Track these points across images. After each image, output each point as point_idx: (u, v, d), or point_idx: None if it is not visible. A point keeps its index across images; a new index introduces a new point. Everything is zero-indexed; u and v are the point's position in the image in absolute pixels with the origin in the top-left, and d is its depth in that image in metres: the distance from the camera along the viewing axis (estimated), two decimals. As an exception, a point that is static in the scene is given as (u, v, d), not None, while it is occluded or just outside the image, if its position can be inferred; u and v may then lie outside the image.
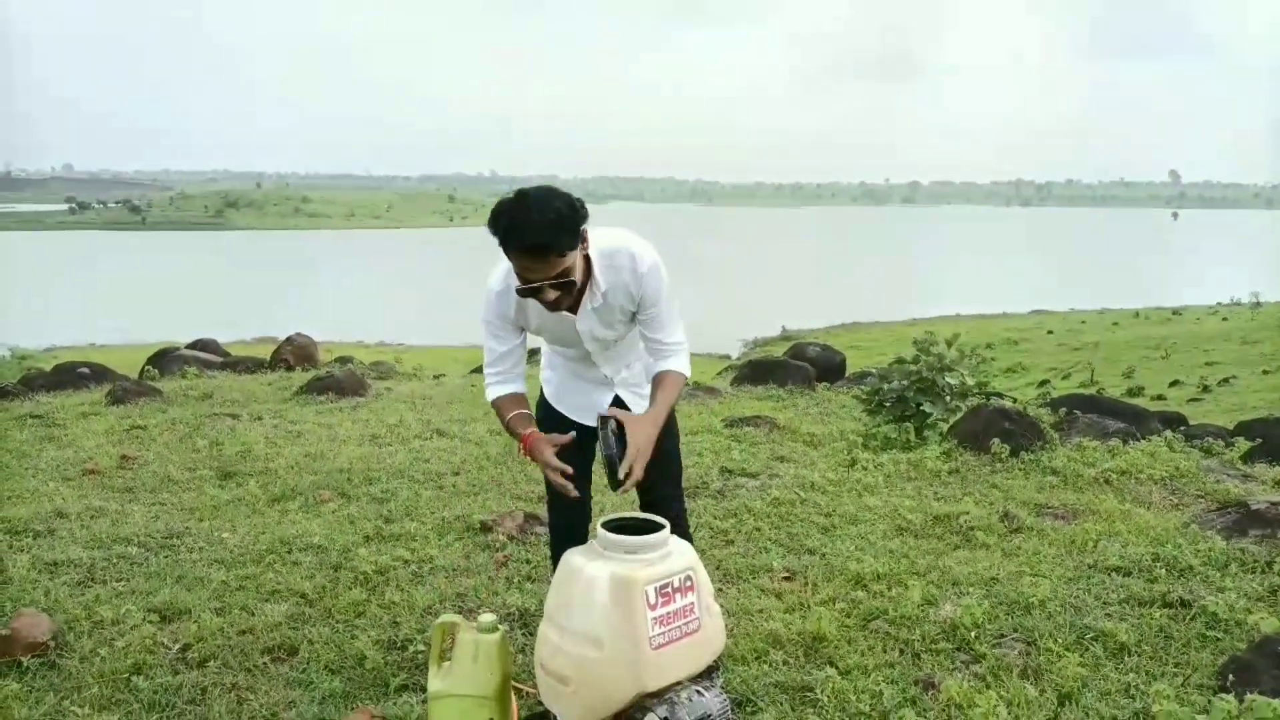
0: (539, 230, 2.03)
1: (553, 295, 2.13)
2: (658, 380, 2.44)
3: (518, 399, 2.42)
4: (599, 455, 2.29)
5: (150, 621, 3.05)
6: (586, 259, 2.21)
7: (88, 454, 5.36)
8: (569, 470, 2.25)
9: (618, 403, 2.57)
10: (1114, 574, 3.46)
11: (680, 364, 2.44)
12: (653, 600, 1.99)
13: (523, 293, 2.16)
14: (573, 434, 2.36)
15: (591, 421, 2.54)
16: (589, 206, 2.19)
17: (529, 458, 2.31)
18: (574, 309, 2.28)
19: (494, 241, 2.11)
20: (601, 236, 2.26)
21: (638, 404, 2.58)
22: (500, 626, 2.27)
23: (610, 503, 3.59)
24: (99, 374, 8.31)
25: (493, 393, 2.43)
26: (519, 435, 2.35)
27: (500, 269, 2.28)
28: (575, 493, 2.28)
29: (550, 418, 2.62)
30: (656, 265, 2.30)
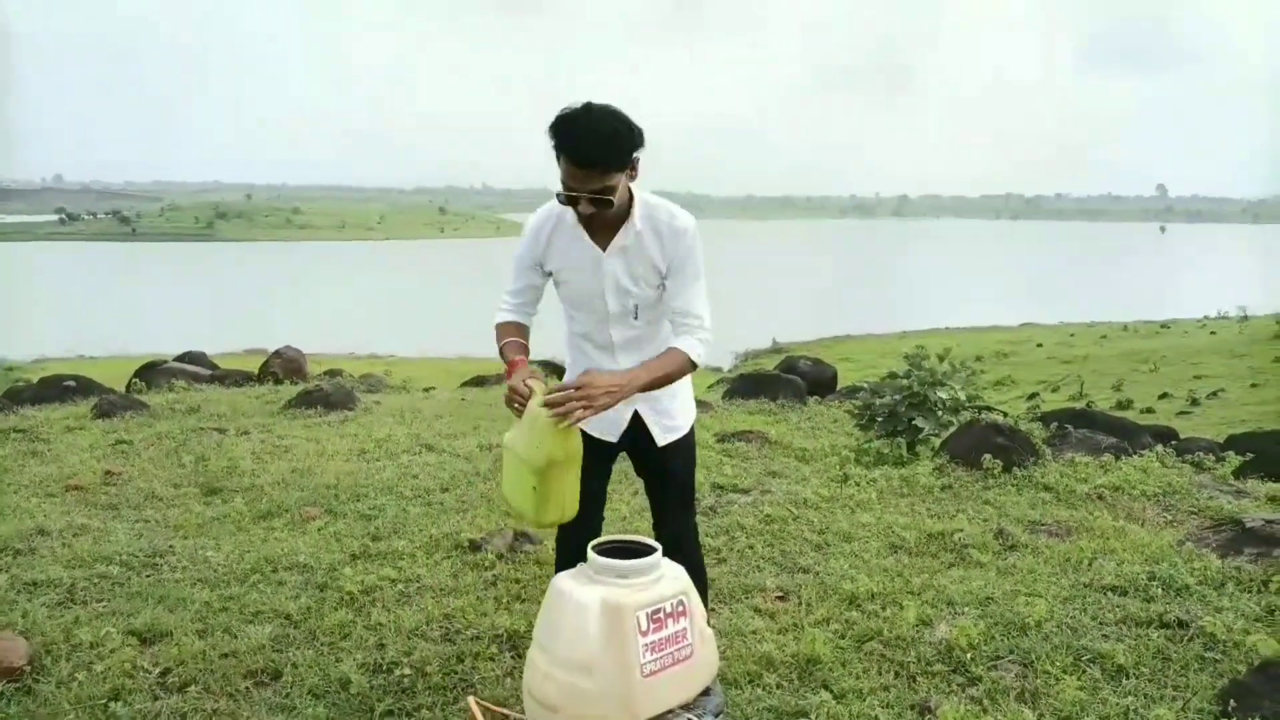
0: (593, 145, 2.10)
1: (589, 210, 2.18)
2: (662, 353, 2.37)
3: (519, 328, 2.48)
4: None
5: (130, 645, 2.98)
6: (631, 198, 2.27)
7: (71, 469, 5.28)
8: (524, 392, 2.20)
9: (636, 419, 2.50)
10: (1110, 593, 3.43)
11: (690, 345, 2.32)
12: (644, 626, 1.95)
13: (562, 200, 2.21)
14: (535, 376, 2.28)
15: (611, 438, 2.52)
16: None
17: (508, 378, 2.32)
18: (605, 245, 2.31)
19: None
20: (648, 195, 2.33)
21: (656, 421, 2.51)
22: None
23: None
24: (85, 387, 8.22)
25: (500, 317, 2.49)
26: (506, 360, 2.40)
27: (540, 210, 2.39)
28: (521, 403, 2.20)
29: None
30: (692, 229, 2.33)
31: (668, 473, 2.61)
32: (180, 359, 10.85)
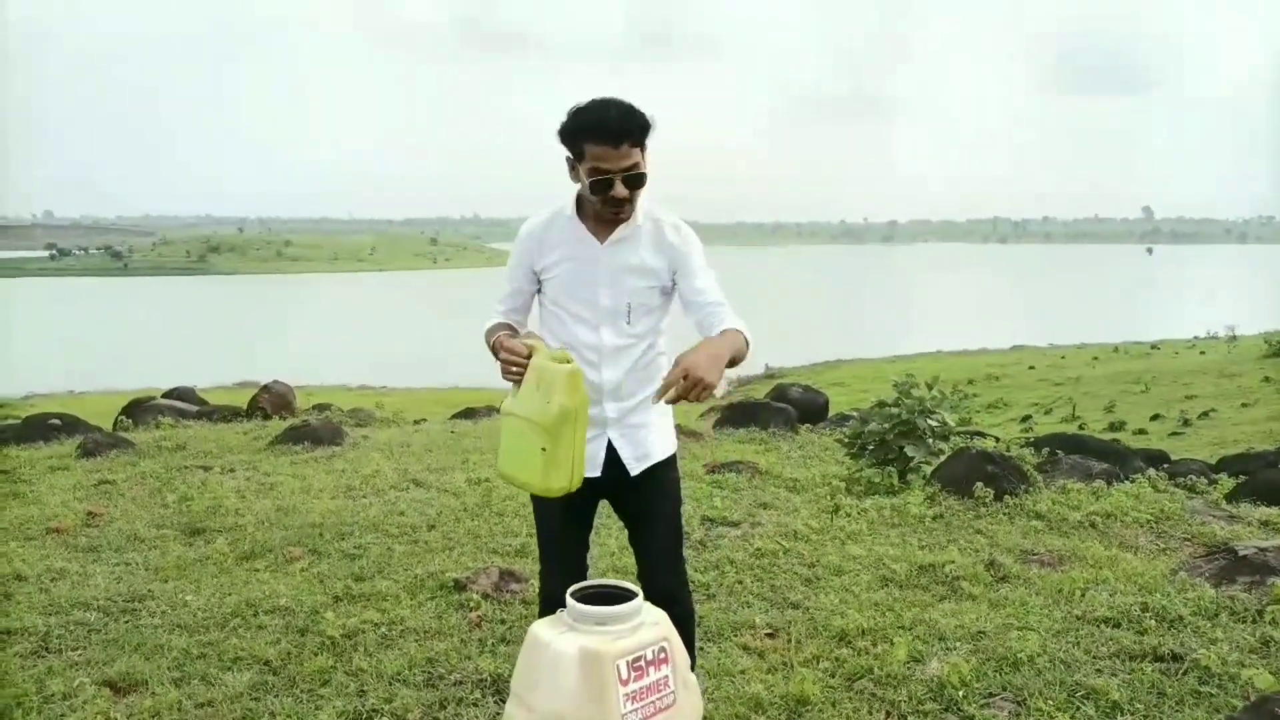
0: (622, 116, 2.09)
1: (623, 193, 2.13)
2: (723, 331, 2.18)
3: (509, 326, 2.36)
4: None
5: (103, 696, 2.90)
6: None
7: (52, 511, 5.20)
8: (523, 352, 2.12)
9: (611, 450, 2.33)
10: (1103, 625, 3.38)
11: (740, 325, 2.17)
12: (624, 675, 1.90)
13: (594, 188, 2.14)
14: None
15: (592, 472, 2.29)
16: None
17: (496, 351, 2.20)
18: (604, 240, 2.25)
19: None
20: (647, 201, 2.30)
21: (629, 450, 2.32)
22: (572, 360, 2.11)
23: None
24: (70, 425, 8.13)
25: (489, 321, 2.37)
26: (493, 340, 2.25)
27: (533, 217, 2.33)
28: (521, 363, 2.11)
29: None
30: (687, 228, 2.30)
31: (650, 512, 2.42)
32: (169, 395, 10.76)
